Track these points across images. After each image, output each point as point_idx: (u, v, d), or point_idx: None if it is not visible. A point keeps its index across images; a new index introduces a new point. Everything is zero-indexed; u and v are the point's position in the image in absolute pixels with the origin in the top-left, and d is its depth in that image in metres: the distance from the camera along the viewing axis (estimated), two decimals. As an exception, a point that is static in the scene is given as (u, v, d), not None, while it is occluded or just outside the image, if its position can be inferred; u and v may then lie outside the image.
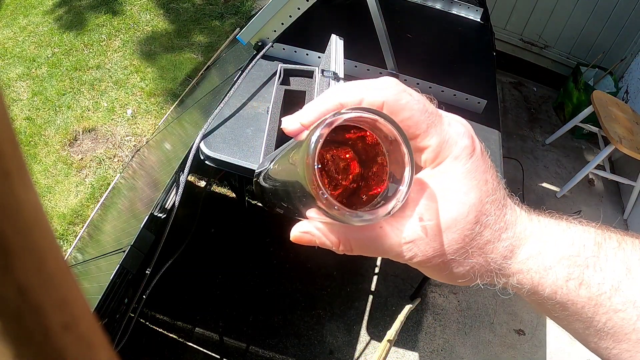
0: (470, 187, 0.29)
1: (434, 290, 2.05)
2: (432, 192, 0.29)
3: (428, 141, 0.28)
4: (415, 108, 0.28)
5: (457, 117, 0.30)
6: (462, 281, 0.31)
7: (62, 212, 2.00)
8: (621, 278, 0.29)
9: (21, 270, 0.11)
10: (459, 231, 0.29)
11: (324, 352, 1.77)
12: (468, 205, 0.28)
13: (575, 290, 0.29)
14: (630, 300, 0.29)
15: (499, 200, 0.30)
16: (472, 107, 1.47)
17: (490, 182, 0.29)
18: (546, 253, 0.30)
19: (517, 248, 0.30)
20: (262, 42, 1.41)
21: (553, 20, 2.97)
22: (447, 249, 0.29)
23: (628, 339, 0.29)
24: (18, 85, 2.52)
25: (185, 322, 1.76)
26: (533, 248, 0.30)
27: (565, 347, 1.99)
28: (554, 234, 0.30)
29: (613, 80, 2.86)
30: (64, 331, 0.13)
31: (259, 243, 2.02)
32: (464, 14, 1.93)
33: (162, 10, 3.13)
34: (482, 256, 0.30)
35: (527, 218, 0.31)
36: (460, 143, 0.29)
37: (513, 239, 0.30)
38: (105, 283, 1.03)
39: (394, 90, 0.28)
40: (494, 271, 0.30)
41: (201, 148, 1.16)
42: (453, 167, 0.29)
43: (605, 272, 0.29)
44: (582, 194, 2.65)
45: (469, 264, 0.30)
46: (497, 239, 0.29)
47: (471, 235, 0.29)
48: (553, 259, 0.30)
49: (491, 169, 0.30)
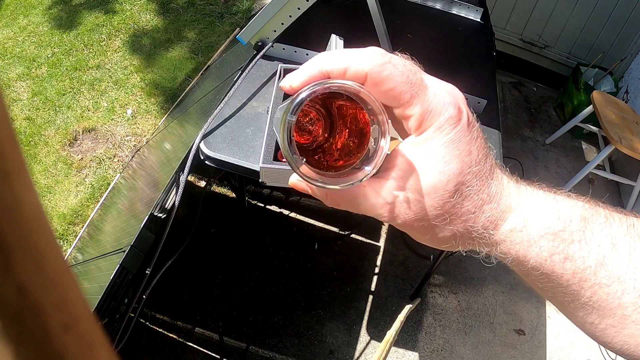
0: (452, 157, 0.29)
1: (434, 290, 2.05)
2: (413, 159, 0.30)
3: (411, 110, 0.29)
4: (399, 80, 0.28)
5: (449, 86, 0.31)
6: (445, 246, 0.32)
7: (62, 212, 2.00)
8: (606, 253, 0.29)
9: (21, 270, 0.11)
10: (437, 198, 0.29)
11: (324, 352, 1.77)
12: (447, 175, 0.29)
13: (560, 264, 0.30)
14: (615, 275, 0.29)
15: (483, 172, 0.30)
16: (472, 107, 1.46)
17: (474, 153, 0.30)
18: (531, 227, 0.30)
19: (500, 220, 0.30)
20: (262, 42, 1.41)
21: (553, 20, 2.97)
22: (426, 214, 0.30)
23: (613, 314, 0.30)
24: (18, 85, 2.52)
25: (185, 322, 1.76)
26: (517, 221, 0.30)
27: (566, 347, 1.99)
28: (541, 207, 0.30)
29: (613, 80, 2.86)
30: (64, 331, 0.13)
31: (259, 243, 2.02)
32: (464, 14, 1.93)
33: (161, 10, 3.13)
34: (462, 224, 0.30)
35: (515, 190, 0.31)
36: (445, 113, 0.29)
37: (496, 211, 0.30)
38: (105, 283, 1.03)
39: (378, 61, 0.28)
40: (475, 239, 0.31)
41: (201, 148, 1.16)
42: (435, 136, 0.29)
43: (591, 247, 0.29)
44: (582, 194, 2.64)
45: (450, 230, 0.30)
46: (479, 209, 0.30)
47: (450, 202, 0.29)
48: (537, 233, 0.30)
49: (478, 140, 0.30)
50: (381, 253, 2.10)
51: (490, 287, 2.11)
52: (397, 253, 2.11)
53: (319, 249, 2.01)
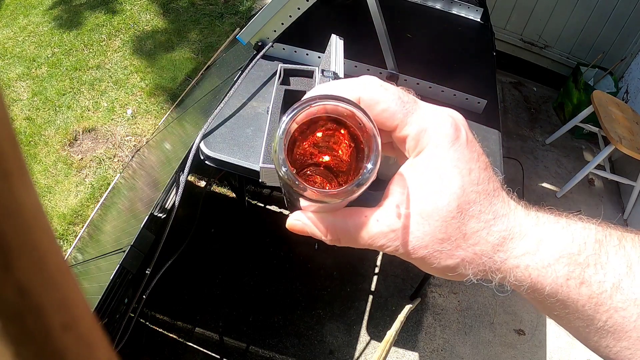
0: (453, 176, 0.28)
1: (434, 290, 2.05)
2: (411, 182, 0.29)
3: (406, 130, 0.29)
4: (390, 99, 0.28)
5: (447, 109, 0.30)
6: (452, 275, 0.30)
7: (62, 212, 2.00)
8: (622, 276, 0.29)
9: (21, 270, 0.11)
10: (440, 220, 0.28)
11: (324, 352, 1.77)
12: (449, 195, 0.28)
13: (576, 288, 0.29)
14: (631, 298, 0.29)
15: (487, 191, 0.29)
16: (472, 107, 1.47)
17: (475, 172, 0.29)
18: (545, 250, 0.29)
19: (510, 241, 0.29)
20: (262, 42, 1.41)
21: (553, 20, 2.97)
22: (430, 240, 0.29)
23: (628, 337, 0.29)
24: (18, 85, 2.52)
25: (185, 322, 1.76)
26: (530, 244, 0.29)
27: (565, 347, 1.99)
28: (554, 231, 0.30)
29: (613, 80, 2.86)
30: (64, 331, 0.13)
31: (259, 243, 2.02)
32: (464, 14, 1.93)
33: (162, 10, 3.13)
34: (470, 248, 0.29)
35: (523, 213, 0.30)
36: (441, 131, 0.28)
37: (505, 232, 0.29)
38: (105, 283, 1.03)
39: (370, 87, 0.29)
40: (486, 265, 0.30)
41: (201, 148, 1.16)
42: (434, 155, 0.29)
43: (606, 270, 0.29)
44: (582, 194, 2.65)
45: (458, 256, 0.29)
46: (486, 230, 0.29)
47: (454, 224, 0.28)
48: (552, 257, 0.29)
49: (480, 159, 0.29)
50: (381, 253, 2.10)
51: (490, 287, 2.10)
52: (397, 253, 2.11)
53: (319, 248, 2.01)
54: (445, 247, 0.29)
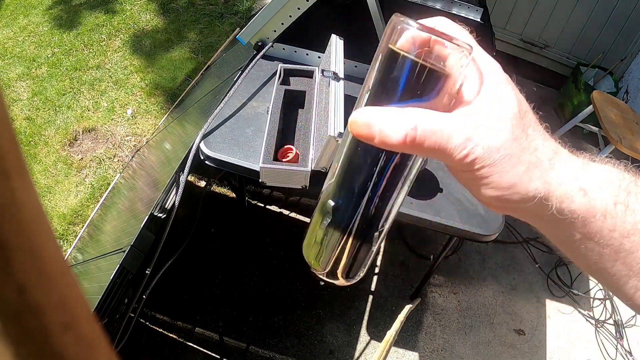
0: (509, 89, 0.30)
1: (434, 290, 2.05)
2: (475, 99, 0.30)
3: None
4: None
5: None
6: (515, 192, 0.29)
7: (62, 212, 2.00)
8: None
9: (21, 270, 0.11)
10: (509, 120, 0.29)
11: (324, 352, 1.77)
12: (512, 99, 0.30)
13: (623, 215, 0.29)
14: None
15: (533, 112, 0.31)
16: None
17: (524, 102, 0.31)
18: (590, 173, 0.29)
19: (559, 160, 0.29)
20: (262, 42, 1.41)
21: (553, 20, 2.97)
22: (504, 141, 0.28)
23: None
24: (18, 85, 2.52)
25: (185, 322, 1.76)
26: (576, 166, 0.30)
27: (566, 347, 1.99)
28: (591, 160, 0.30)
29: (613, 80, 2.86)
30: (64, 331, 0.13)
31: (259, 243, 2.02)
32: (464, 14, 1.93)
33: (162, 10, 3.13)
34: (533, 154, 0.29)
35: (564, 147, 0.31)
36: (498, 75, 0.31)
37: (555, 148, 0.30)
38: (105, 283, 1.03)
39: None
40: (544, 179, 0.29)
41: (201, 148, 1.16)
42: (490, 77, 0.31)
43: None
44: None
45: (525, 161, 0.28)
46: (541, 138, 0.30)
47: (520, 126, 0.29)
48: (598, 179, 0.29)
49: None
50: (381, 253, 2.11)
51: (490, 287, 2.11)
52: (397, 253, 2.11)
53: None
54: (516, 149, 0.28)
